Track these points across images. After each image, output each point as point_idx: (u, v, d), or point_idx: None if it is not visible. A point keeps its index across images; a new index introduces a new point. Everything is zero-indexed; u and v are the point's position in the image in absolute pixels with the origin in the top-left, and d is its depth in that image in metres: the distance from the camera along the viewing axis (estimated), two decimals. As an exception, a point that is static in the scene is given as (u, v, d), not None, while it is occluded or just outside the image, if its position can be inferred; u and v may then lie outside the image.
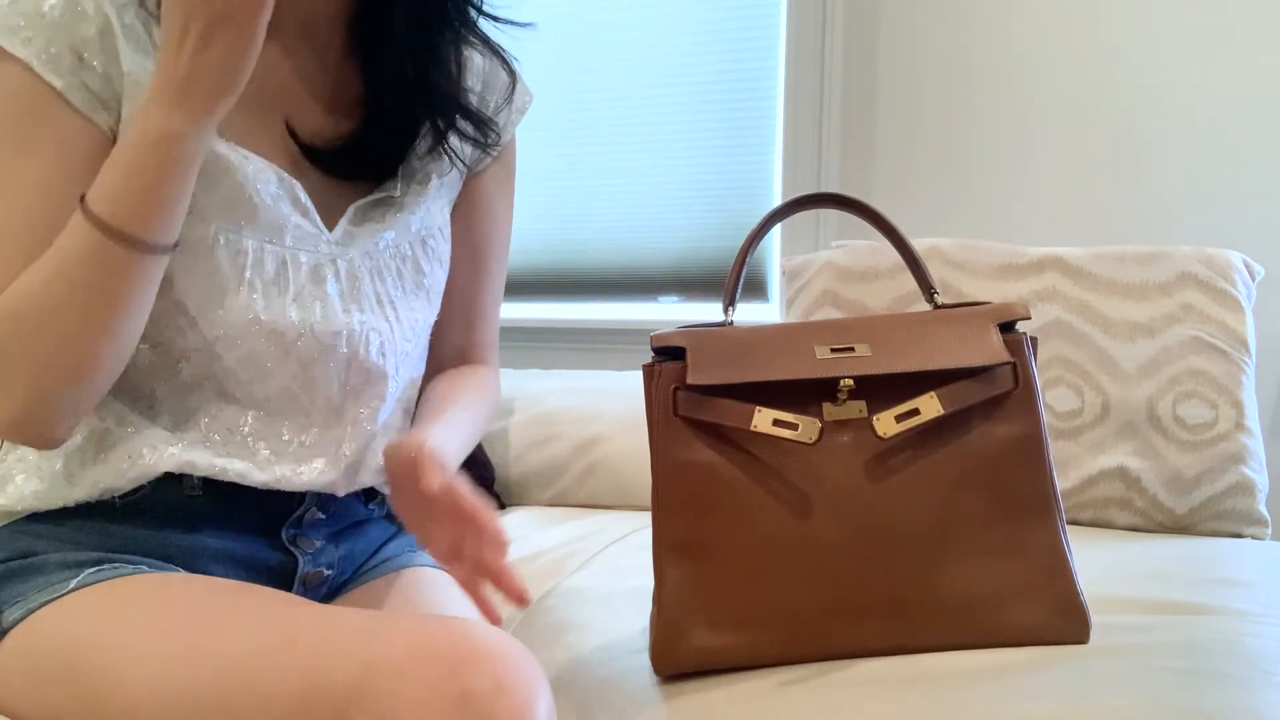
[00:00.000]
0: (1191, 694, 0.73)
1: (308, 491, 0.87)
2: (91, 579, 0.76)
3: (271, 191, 0.81)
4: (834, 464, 0.83)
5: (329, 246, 0.85)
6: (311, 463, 0.86)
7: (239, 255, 0.79)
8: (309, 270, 0.83)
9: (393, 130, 0.88)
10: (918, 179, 1.87)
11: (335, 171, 0.87)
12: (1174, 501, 1.33)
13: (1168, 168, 1.73)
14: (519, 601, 0.75)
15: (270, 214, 0.81)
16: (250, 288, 0.80)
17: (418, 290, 0.91)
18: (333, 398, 0.86)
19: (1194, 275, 1.40)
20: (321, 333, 0.83)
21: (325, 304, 0.84)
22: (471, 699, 0.61)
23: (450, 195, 0.97)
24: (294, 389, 0.84)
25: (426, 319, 0.94)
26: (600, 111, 2.12)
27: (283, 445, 0.85)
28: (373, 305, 0.87)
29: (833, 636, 0.83)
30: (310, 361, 0.84)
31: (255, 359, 0.81)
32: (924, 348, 0.85)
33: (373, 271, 0.87)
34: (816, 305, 1.54)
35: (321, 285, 0.84)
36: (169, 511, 0.83)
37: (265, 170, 0.81)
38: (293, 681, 0.65)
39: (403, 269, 0.90)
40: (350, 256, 0.86)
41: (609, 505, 1.60)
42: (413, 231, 0.91)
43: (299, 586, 0.89)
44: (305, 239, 0.83)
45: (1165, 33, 1.72)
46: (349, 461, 0.88)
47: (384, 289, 0.88)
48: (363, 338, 0.86)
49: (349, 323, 0.85)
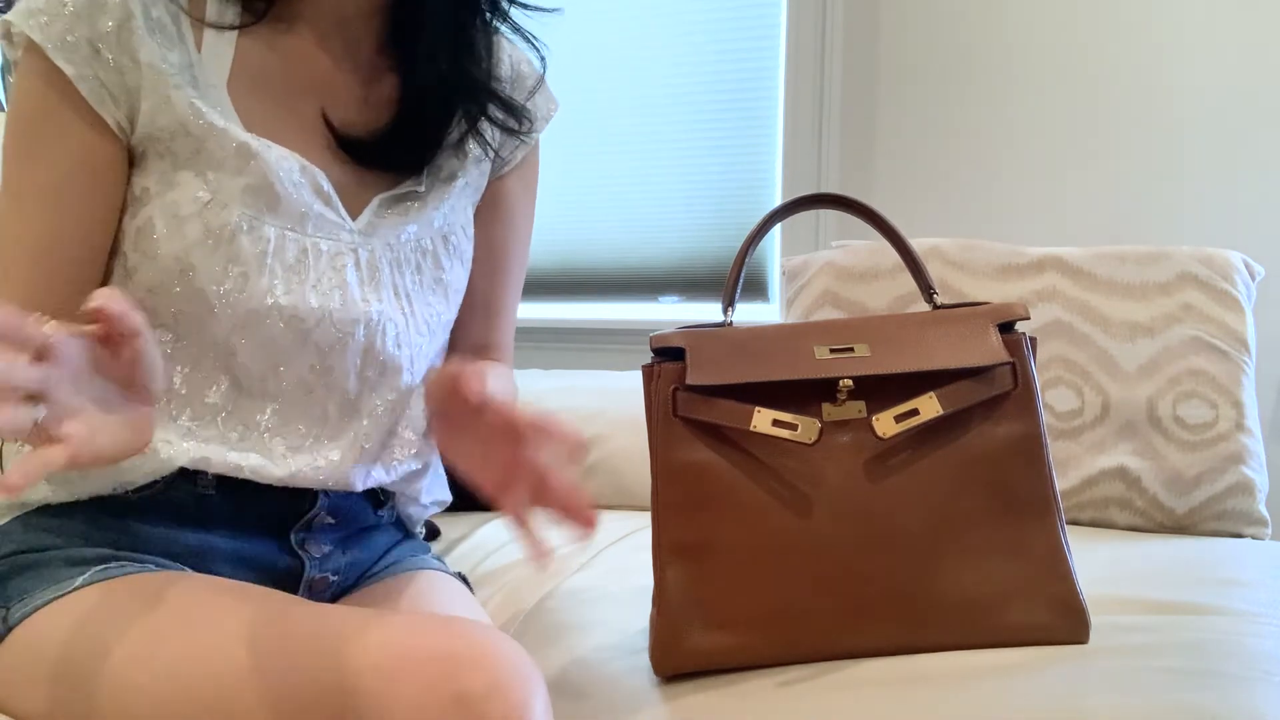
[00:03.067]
0: (1191, 694, 0.73)
1: (320, 491, 0.88)
2: (98, 577, 0.76)
3: (294, 180, 0.82)
4: (833, 464, 0.83)
5: (350, 235, 0.86)
6: (329, 456, 0.86)
7: (260, 241, 0.80)
8: (329, 258, 0.84)
9: (427, 120, 0.89)
10: (918, 179, 1.87)
11: (368, 161, 0.88)
12: (1174, 501, 1.32)
13: (1168, 168, 1.73)
14: (586, 525, 0.68)
15: (292, 201, 0.82)
16: (271, 273, 0.81)
17: (436, 286, 0.92)
18: (349, 389, 0.87)
19: (1194, 275, 1.40)
20: (340, 320, 0.84)
21: (345, 292, 0.84)
22: (467, 699, 0.62)
23: (474, 196, 0.98)
24: (311, 380, 0.84)
25: (443, 315, 0.94)
26: (600, 111, 2.12)
27: (300, 439, 0.85)
28: (390, 296, 0.87)
29: (832, 637, 0.83)
30: (328, 350, 0.84)
31: (273, 346, 0.82)
32: (923, 348, 0.85)
33: (392, 263, 0.88)
34: (816, 305, 1.54)
35: (341, 273, 0.84)
36: (181, 509, 0.83)
37: (287, 159, 0.82)
38: (289, 682, 0.65)
39: (423, 263, 0.90)
40: (372, 247, 0.87)
41: (609, 505, 1.60)
42: (435, 227, 0.91)
43: (305, 591, 0.89)
44: (327, 227, 0.84)
45: (1165, 33, 1.72)
46: (367, 455, 0.88)
47: (401, 281, 0.89)
48: (380, 327, 0.86)
49: (367, 311, 0.85)
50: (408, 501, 0.98)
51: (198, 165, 0.80)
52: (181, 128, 0.79)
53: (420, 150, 0.90)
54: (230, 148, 0.80)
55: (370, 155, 0.88)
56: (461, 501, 1.55)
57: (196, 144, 0.80)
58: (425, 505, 1.00)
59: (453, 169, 0.94)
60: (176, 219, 0.79)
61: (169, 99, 0.79)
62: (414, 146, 0.90)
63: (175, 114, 0.79)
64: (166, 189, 0.79)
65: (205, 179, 0.79)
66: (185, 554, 0.83)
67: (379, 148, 0.88)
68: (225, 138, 0.80)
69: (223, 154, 0.80)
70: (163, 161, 0.80)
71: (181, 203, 0.79)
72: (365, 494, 0.93)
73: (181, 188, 0.79)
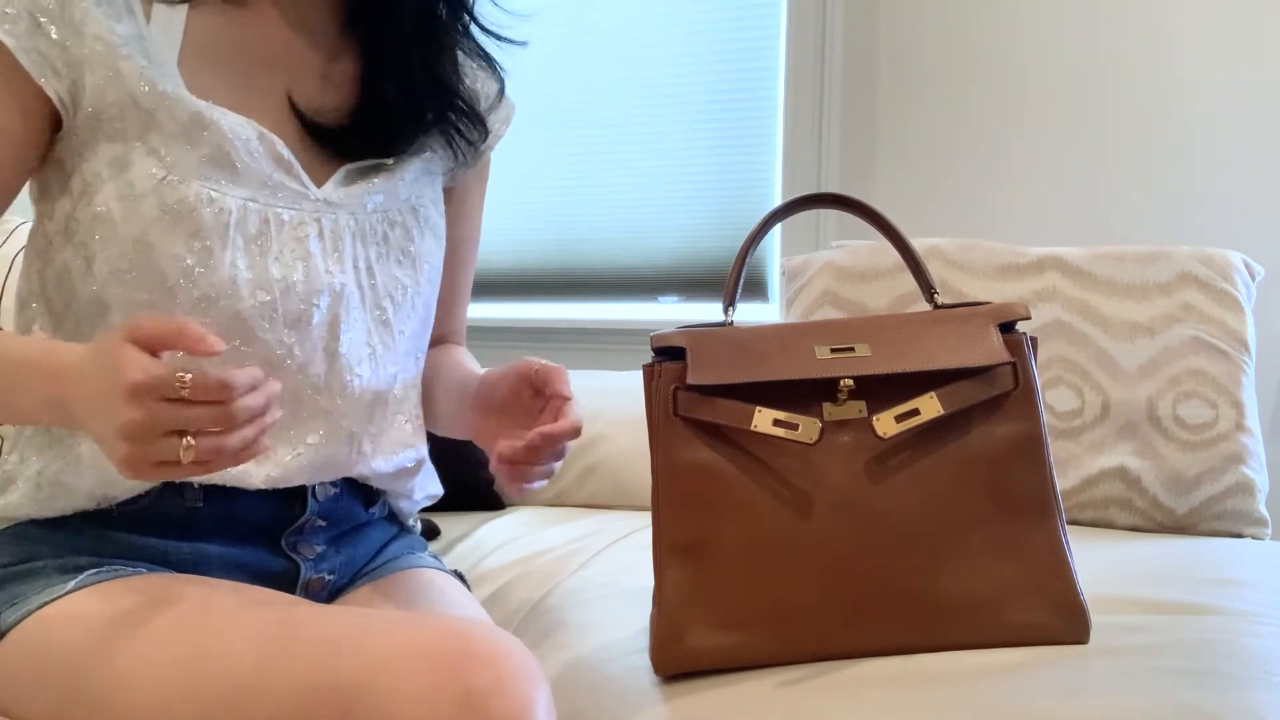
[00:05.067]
0: (1191, 694, 0.73)
1: (311, 496, 0.87)
2: (90, 580, 0.76)
3: (251, 148, 0.81)
4: (834, 464, 0.83)
5: (314, 204, 0.84)
6: (307, 440, 0.85)
7: (222, 214, 0.79)
8: (291, 228, 0.83)
9: (396, 119, 0.89)
10: (918, 179, 1.87)
11: (335, 147, 0.87)
12: (1174, 501, 1.32)
13: (1168, 168, 1.73)
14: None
15: (250, 171, 0.81)
16: (233, 246, 0.80)
17: (403, 258, 0.90)
18: (318, 366, 0.85)
19: (1194, 275, 1.40)
20: (304, 292, 0.83)
21: (308, 263, 0.83)
22: (471, 697, 0.61)
23: (441, 171, 0.98)
24: (277, 358, 0.83)
25: (409, 289, 0.92)
26: (600, 111, 2.12)
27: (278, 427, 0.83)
28: (350, 267, 0.86)
29: (832, 636, 0.83)
30: (293, 324, 0.83)
31: (237, 324, 0.80)
32: (924, 348, 0.85)
33: (355, 234, 0.87)
34: (816, 305, 1.54)
35: (304, 244, 0.83)
36: (169, 521, 0.82)
37: (243, 125, 0.81)
38: (294, 681, 0.65)
39: (390, 234, 0.89)
40: (335, 216, 0.86)
41: (609, 505, 1.60)
42: (402, 198, 0.91)
43: (301, 592, 0.89)
44: (289, 196, 0.83)
45: (1165, 33, 1.72)
46: (349, 436, 0.87)
47: (364, 252, 0.87)
48: (344, 299, 0.85)
49: (331, 283, 0.84)
50: (399, 497, 0.98)
51: (150, 141, 0.78)
52: (131, 101, 0.78)
53: (390, 138, 0.90)
54: (183, 117, 0.78)
55: (339, 142, 0.87)
56: (461, 501, 1.56)
57: (147, 117, 0.78)
58: (417, 500, 1.00)
59: (422, 143, 0.93)
60: (133, 198, 0.78)
61: (118, 70, 0.78)
62: (384, 136, 0.90)
63: (125, 86, 0.78)
64: (120, 171, 0.78)
65: (158, 155, 0.78)
66: (178, 562, 0.82)
67: (347, 136, 0.87)
68: (177, 107, 0.78)
69: (175, 126, 0.78)
70: (114, 144, 0.79)
71: (136, 181, 0.78)
72: (355, 492, 0.93)
73: (135, 166, 0.78)
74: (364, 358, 0.88)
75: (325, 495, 0.89)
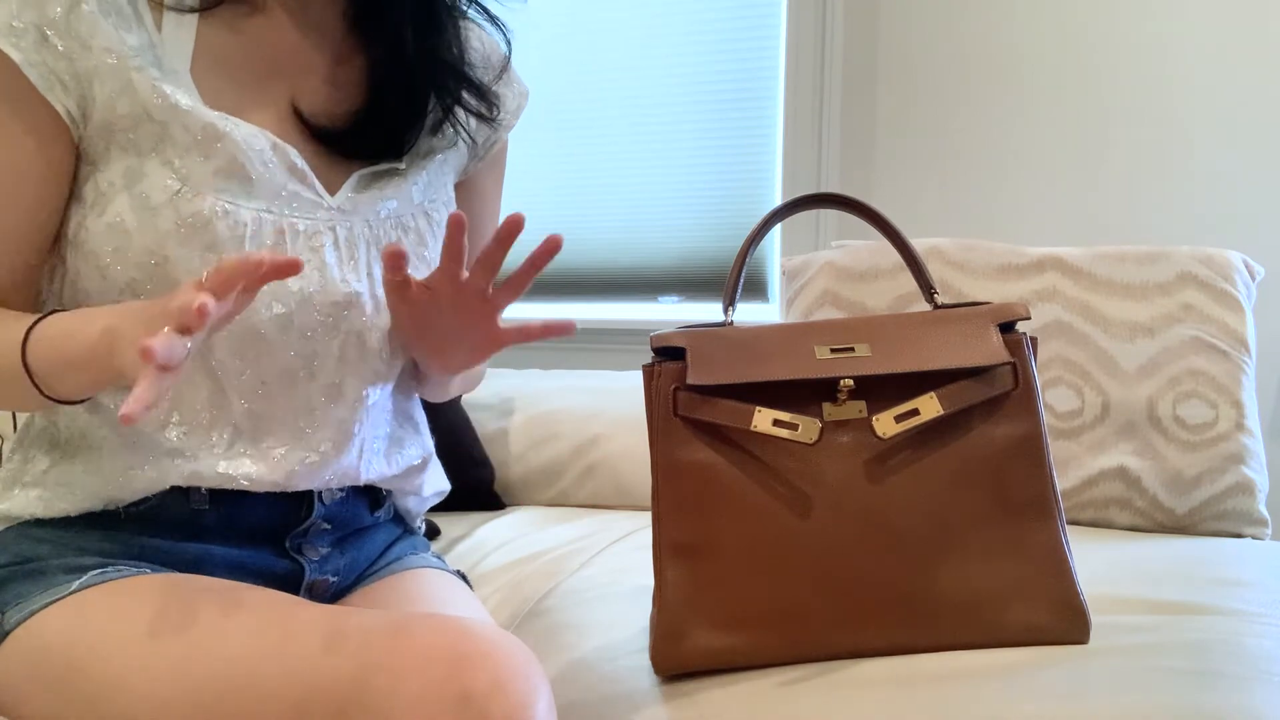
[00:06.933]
0: (1191, 694, 0.73)
1: (317, 499, 0.87)
2: (94, 580, 0.76)
3: (265, 159, 0.80)
4: (834, 464, 0.83)
5: (328, 213, 0.84)
6: (319, 447, 0.85)
7: (237, 226, 0.79)
8: (306, 237, 0.82)
9: (398, 107, 0.88)
10: (918, 179, 1.87)
11: (341, 150, 0.87)
12: (1174, 501, 1.32)
13: (1168, 168, 1.73)
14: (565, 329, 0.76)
15: (265, 182, 0.80)
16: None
17: (418, 263, 0.90)
18: (332, 374, 0.85)
19: (1194, 275, 1.40)
20: (320, 303, 0.83)
21: (324, 272, 0.83)
22: (470, 698, 0.61)
23: (454, 173, 0.97)
24: (294, 368, 0.83)
25: None
26: (600, 111, 2.12)
27: (288, 433, 0.84)
28: (364, 275, 0.86)
29: (833, 636, 0.83)
30: (311, 334, 0.83)
31: (253, 337, 0.81)
32: (924, 348, 0.85)
33: (369, 241, 0.86)
34: (816, 305, 1.54)
35: (320, 253, 0.83)
36: (175, 523, 0.83)
37: (257, 136, 0.81)
38: (292, 681, 0.65)
39: (403, 240, 0.89)
40: (350, 224, 0.85)
41: (609, 505, 1.60)
42: (415, 202, 0.90)
43: (305, 594, 0.89)
44: (303, 205, 0.83)
45: (1166, 33, 1.72)
46: (359, 441, 0.87)
47: (376, 259, 0.87)
48: (359, 307, 0.85)
49: (347, 292, 0.84)
50: (407, 495, 0.98)
51: (164, 153, 0.78)
52: (144, 113, 0.77)
53: (394, 137, 0.89)
54: (197, 130, 0.78)
55: (343, 144, 0.87)
56: (461, 501, 1.56)
57: (160, 130, 0.78)
58: (426, 498, 1.00)
59: (431, 146, 0.93)
60: (148, 210, 0.77)
61: (130, 82, 0.77)
62: (388, 134, 0.89)
63: (137, 98, 0.77)
64: (134, 181, 0.78)
65: (173, 166, 0.78)
66: (182, 563, 0.82)
67: (351, 137, 0.87)
68: (191, 119, 0.78)
69: (188, 138, 0.78)
70: (126, 155, 0.78)
71: (151, 193, 0.77)
72: (362, 495, 0.93)
73: (150, 178, 0.78)
74: (378, 365, 0.88)
75: (332, 499, 0.89)
